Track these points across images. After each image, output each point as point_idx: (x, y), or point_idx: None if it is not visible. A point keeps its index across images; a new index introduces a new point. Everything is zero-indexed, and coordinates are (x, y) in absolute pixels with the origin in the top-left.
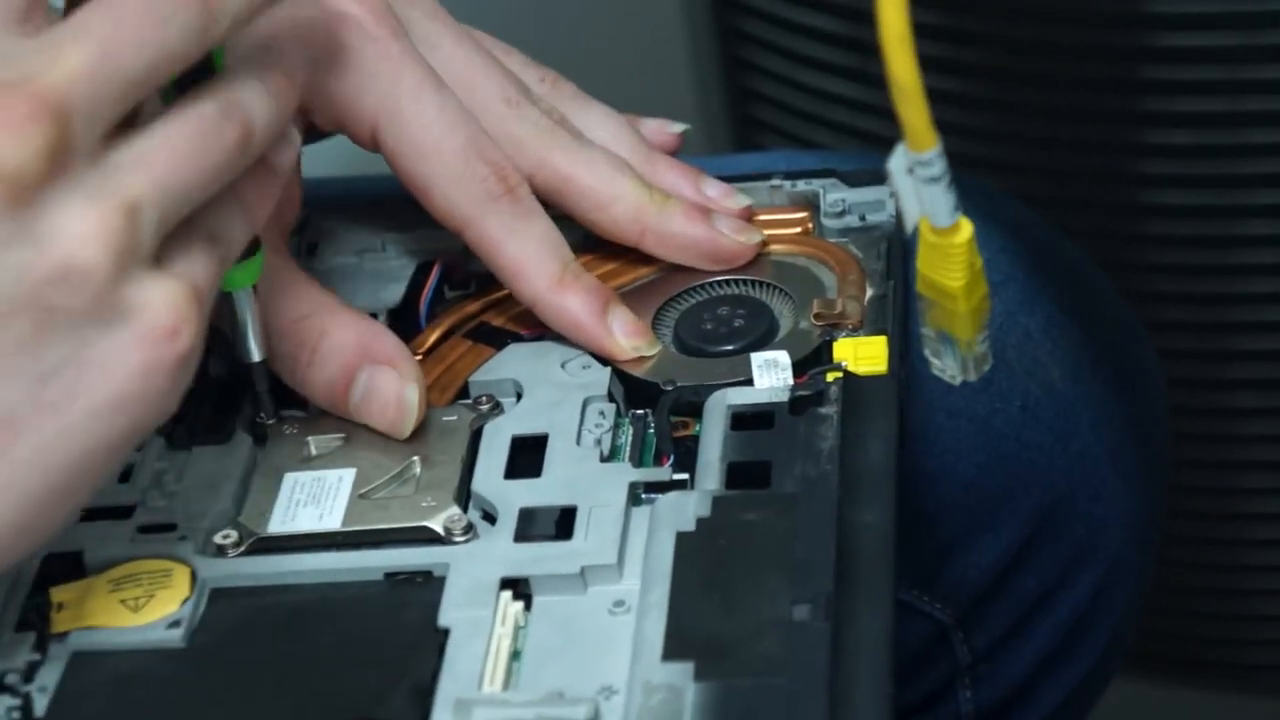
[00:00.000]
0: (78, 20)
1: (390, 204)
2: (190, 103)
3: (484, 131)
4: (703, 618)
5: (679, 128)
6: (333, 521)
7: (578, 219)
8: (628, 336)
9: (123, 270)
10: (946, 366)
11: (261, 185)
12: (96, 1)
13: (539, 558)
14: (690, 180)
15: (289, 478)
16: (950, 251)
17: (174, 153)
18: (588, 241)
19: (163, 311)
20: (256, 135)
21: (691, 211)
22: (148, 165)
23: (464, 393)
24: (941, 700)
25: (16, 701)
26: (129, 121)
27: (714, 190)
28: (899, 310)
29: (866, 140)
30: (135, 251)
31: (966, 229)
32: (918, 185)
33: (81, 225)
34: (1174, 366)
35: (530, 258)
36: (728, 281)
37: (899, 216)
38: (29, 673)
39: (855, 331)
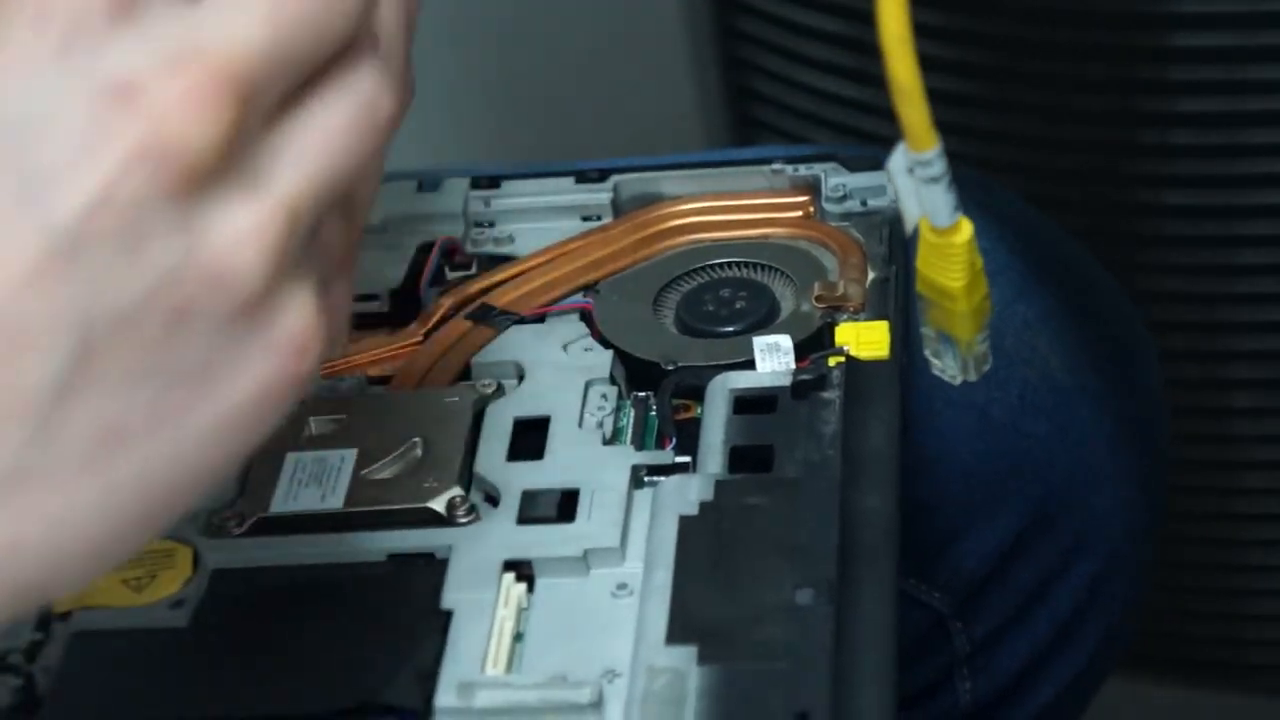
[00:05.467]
0: None
1: (391, 184)
2: (346, 70)
3: None
4: (706, 601)
5: None
6: (335, 502)
7: None
8: None
9: (274, 279)
10: (946, 366)
11: (373, 181)
12: None
13: (541, 540)
14: None
15: (291, 458)
16: (950, 251)
17: (330, 138)
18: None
19: (296, 325)
20: (404, 106)
21: None
22: (308, 157)
23: (466, 374)
24: (940, 690)
25: (19, 681)
26: None
27: None
28: (901, 295)
29: (866, 140)
30: (288, 259)
31: (967, 229)
32: (918, 185)
33: (242, 224)
34: (1174, 366)
35: None
36: (729, 264)
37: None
38: (31, 652)
39: (856, 314)
